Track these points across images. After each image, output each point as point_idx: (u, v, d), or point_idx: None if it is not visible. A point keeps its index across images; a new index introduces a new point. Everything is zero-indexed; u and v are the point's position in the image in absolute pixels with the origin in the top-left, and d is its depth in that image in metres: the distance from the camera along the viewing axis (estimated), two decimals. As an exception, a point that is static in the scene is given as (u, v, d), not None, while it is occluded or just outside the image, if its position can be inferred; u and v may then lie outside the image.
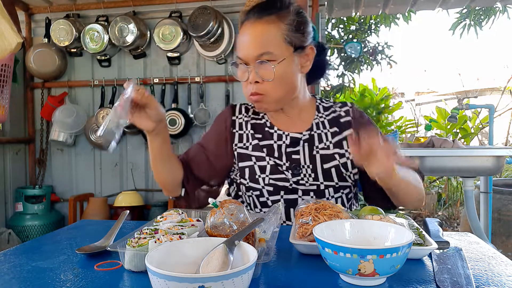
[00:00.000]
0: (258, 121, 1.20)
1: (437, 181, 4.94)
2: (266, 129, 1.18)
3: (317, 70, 1.18)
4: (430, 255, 0.78)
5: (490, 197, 2.77)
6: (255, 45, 1.03)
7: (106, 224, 1.08)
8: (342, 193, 1.13)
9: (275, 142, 1.15)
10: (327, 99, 1.26)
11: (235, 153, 1.17)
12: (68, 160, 3.15)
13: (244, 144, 1.17)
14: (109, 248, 0.72)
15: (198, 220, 0.86)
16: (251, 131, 1.18)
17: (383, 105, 4.98)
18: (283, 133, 1.16)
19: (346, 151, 1.14)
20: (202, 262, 0.58)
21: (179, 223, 0.83)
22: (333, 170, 1.12)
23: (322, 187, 1.11)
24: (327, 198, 1.11)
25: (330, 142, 1.15)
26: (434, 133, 4.75)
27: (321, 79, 1.28)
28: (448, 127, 4.54)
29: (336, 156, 1.13)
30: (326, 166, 1.12)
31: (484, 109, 3.73)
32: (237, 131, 1.19)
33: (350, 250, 0.60)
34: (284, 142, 1.15)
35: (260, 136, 1.17)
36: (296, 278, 0.68)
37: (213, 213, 0.76)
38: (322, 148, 1.14)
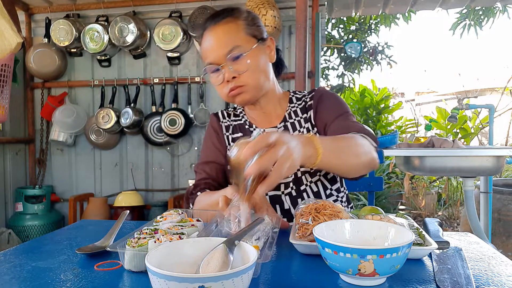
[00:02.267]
0: (239, 122, 1.26)
1: (437, 181, 4.94)
2: (246, 127, 1.23)
3: (278, 62, 1.25)
4: (430, 255, 0.78)
5: (490, 197, 2.77)
6: (222, 43, 1.07)
7: (106, 224, 1.08)
8: (319, 175, 1.14)
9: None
10: (301, 91, 1.29)
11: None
12: (68, 160, 3.15)
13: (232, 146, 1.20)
14: (109, 248, 0.72)
15: (198, 220, 0.86)
16: (232, 134, 1.25)
17: (383, 105, 4.99)
18: (260, 129, 1.20)
19: (316, 133, 1.17)
20: (202, 262, 0.58)
21: (179, 223, 0.83)
22: None
23: (299, 174, 1.14)
24: (306, 185, 1.13)
25: (304, 128, 1.18)
26: (434, 133, 4.75)
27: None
28: (448, 127, 4.54)
29: None
30: None
31: (484, 109, 3.73)
32: (224, 134, 1.26)
33: (350, 250, 0.60)
34: None
35: (240, 135, 1.23)
36: (296, 278, 0.68)
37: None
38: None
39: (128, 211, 1.05)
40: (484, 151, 2.26)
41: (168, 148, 3.02)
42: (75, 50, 3.03)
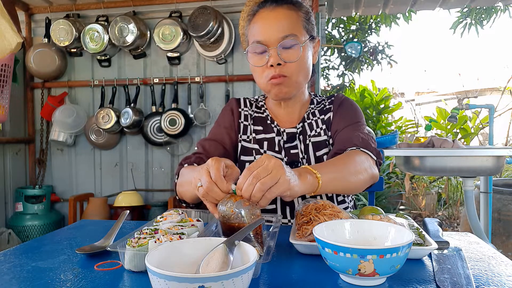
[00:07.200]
0: (260, 115, 1.23)
1: (437, 181, 4.94)
2: (268, 122, 1.21)
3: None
4: (430, 255, 0.78)
5: (490, 197, 2.77)
6: (280, 27, 1.04)
7: (106, 224, 1.08)
8: None
9: (276, 136, 1.18)
10: (321, 96, 1.29)
11: (240, 145, 1.19)
12: (68, 160, 3.15)
13: (248, 137, 1.20)
14: (109, 248, 0.72)
15: (198, 220, 0.86)
16: (253, 125, 1.21)
17: (383, 106, 4.99)
18: (280, 129, 1.19)
19: (330, 136, 1.18)
20: (202, 262, 0.58)
21: (179, 223, 0.83)
22: (324, 157, 1.14)
23: None
24: None
25: (321, 129, 1.18)
26: (434, 133, 4.75)
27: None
28: (448, 127, 4.54)
29: (326, 142, 1.16)
30: (318, 153, 1.15)
31: (484, 109, 3.72)
32: (242, 122, 1.22)
33: (350, 250, 0.60)
34: (282, 138, 1.18)
35: (261, 128, 1.20)
36: (296, 278, 0.68)
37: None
38: (314, 136, 1.17)
39: (128, 211, 1.05)
40: (484, 151, 2.26)
41: (168, 148, 3.01)
42: (75, 50, 3.03)
